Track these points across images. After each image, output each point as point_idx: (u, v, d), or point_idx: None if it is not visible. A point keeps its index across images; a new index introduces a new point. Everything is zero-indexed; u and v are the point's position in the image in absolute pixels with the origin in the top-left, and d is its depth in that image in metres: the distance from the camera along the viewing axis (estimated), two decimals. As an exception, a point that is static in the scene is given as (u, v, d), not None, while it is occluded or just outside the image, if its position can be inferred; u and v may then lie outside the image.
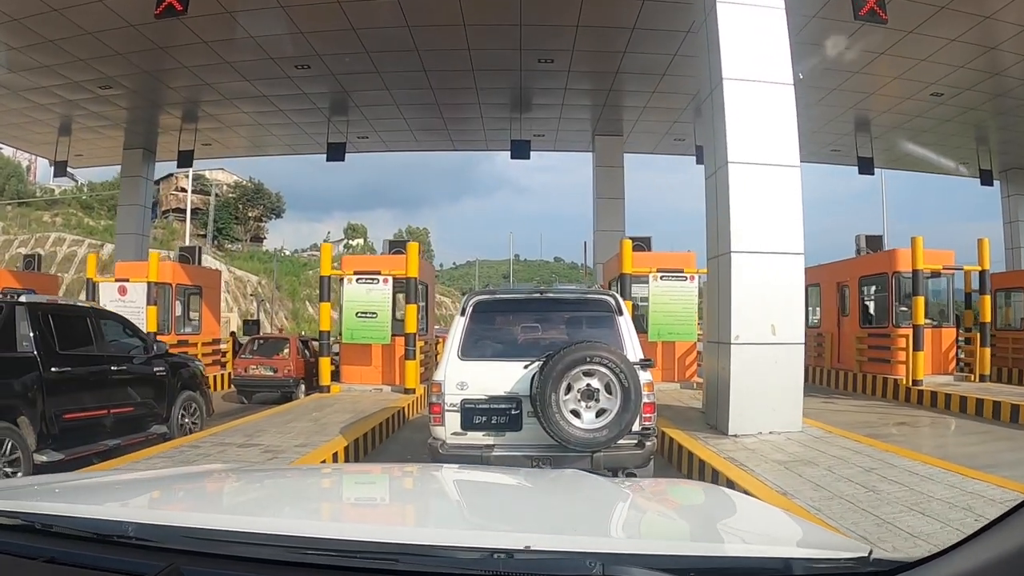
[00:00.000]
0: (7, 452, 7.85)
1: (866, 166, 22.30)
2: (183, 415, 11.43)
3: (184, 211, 53.10)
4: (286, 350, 18.96)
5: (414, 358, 15.56)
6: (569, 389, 6.41)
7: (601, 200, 22.52)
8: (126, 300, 17.29)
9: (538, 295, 7.44)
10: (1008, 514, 1.31)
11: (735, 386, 9.88)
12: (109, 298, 18.16)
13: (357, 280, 16.30)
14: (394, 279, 16.36)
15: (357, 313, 16.16)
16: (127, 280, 18.98)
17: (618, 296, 7.41)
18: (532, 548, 1.51)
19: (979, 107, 19.13)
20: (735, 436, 9.70)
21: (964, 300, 18.57)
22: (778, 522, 2.33)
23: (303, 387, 18.27)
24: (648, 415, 6.66)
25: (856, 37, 14.82)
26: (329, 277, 16.88)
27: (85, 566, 1.57)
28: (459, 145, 25.43)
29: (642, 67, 17.00)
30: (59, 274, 32.64)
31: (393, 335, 16.41)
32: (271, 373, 18.29)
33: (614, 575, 1.45)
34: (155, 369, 10.94)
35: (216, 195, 60.36)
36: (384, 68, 17.35)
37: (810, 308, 19.48)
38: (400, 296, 17.20)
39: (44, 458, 8.33)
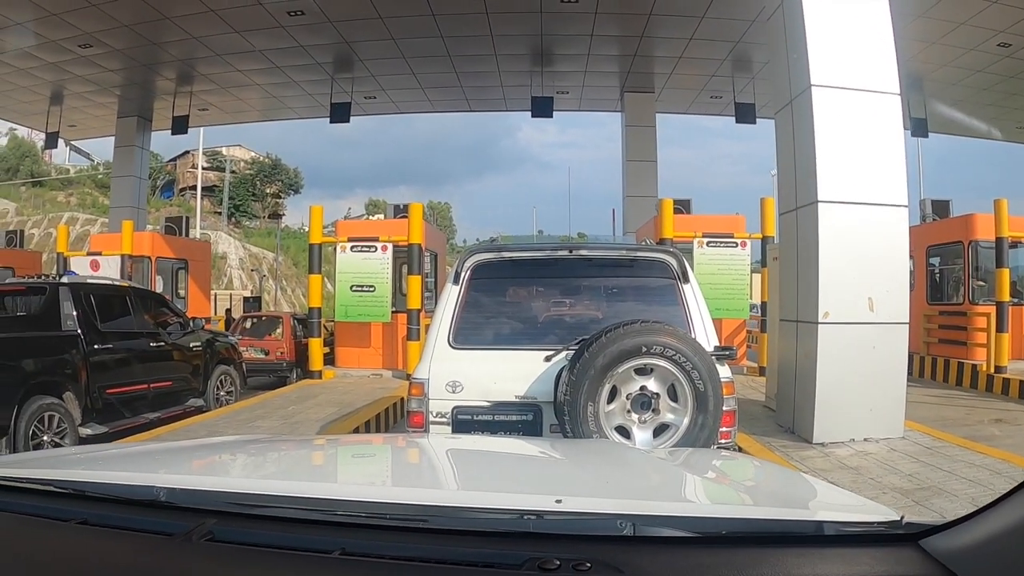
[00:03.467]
0: (55, 426, 8.51)
1: (919, 128, 19.86)
2: (218, 388, 12.21)
3: (202, 189, 52.75)
4: (279, 330, 17.64)
5: (418, 338, 13.75)
6: (614, 394, 4.33)
7: (631, 163, 20.69)
8: (98, 276, 15.54)
9: (566, 253, 5.21)
10: None
11: (822, 379, 7.83)
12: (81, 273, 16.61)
13: (352, 248, 14.65)
14: (395, 247, 14.74)
15: (352, 287, 14.56)
16: (99, 254, 17.80)
17: (680, 255, 5.11)
18: (562, 508, 1.52)
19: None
20: (822, 445, 7.73)
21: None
22: (808, 487, 2.31)
23: (299, 371, 16.66)
24: (728, 428, 4.51)
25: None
26: (320, 245, 15.15)
27: (117, 527, 1.58)
28: (476, 105, 23.60)
29: (678, 8, 15.07)
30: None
31: (395, 312, 14.90)
32: (262, 356, 16.92)
33: (645, 535, 1.46)
34: (191, 345, 11.66)
35: (232, 171, 60.53)
36: (385, 12, 15.53)
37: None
38: (404, 268, 15.52)
39: (89, 431, 8.96)
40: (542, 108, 19.36)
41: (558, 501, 1.53)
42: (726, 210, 21.99)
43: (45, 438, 8.33)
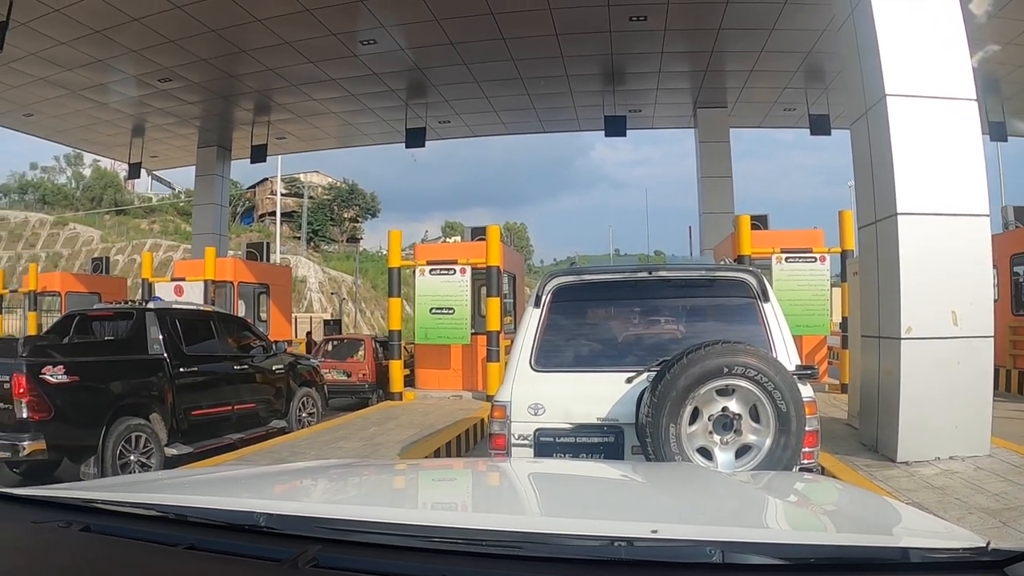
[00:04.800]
0: (141, 446, 8.80)
1: (998, 132, 19.01)
2: (300, 410, 12.29)
3: (280, 215, 53.46)
4: (360, 352, 17.62)
5: (497, 360, 13.79)
6: (696, 415, 4.32)
7: (706, 179, 20.41)
8: (182, 300, 15.92)
9: (645, 275, 5.19)
10: None
11: (905, 395, 7.57)
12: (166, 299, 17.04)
13: (431, 271, 14.76)
14: (473, 269, 14.74)
15: (431, 309, 14.66)
16: (183, 279, 18.17)
17: (760, 274, 5.09)
18: (657, 535, 1.52)
19: None
20: (906, 464, 7.46)
21: None
22: (893, 512, 2.26)
23: (380, 393, 16.76)
24: (810, 449, 4.45)
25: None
26: (399, 269, 15.23)
27: (224, 552, 1.62)
28: (549, 126, 23.52)
29: (748, 21, 14.83)
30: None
31: (474, 334, 14.86)
32: (344, 377, 16.96)
33: (734, 563, 1.45)
34: (274, 367, 11.80)
35: (310, 197, 61.38)
36: (457, 38, 15.65)
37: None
38: (483, 290, 15.54)
39: (174, 451, 9.24)
40: (615, 127, 19.27)
41: (654, 531, 1.53)
42: (804, 224, 21.59)
43: (132, 458, 8.60)
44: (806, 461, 4.42)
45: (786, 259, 14.21)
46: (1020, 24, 14.45)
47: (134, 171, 23.92)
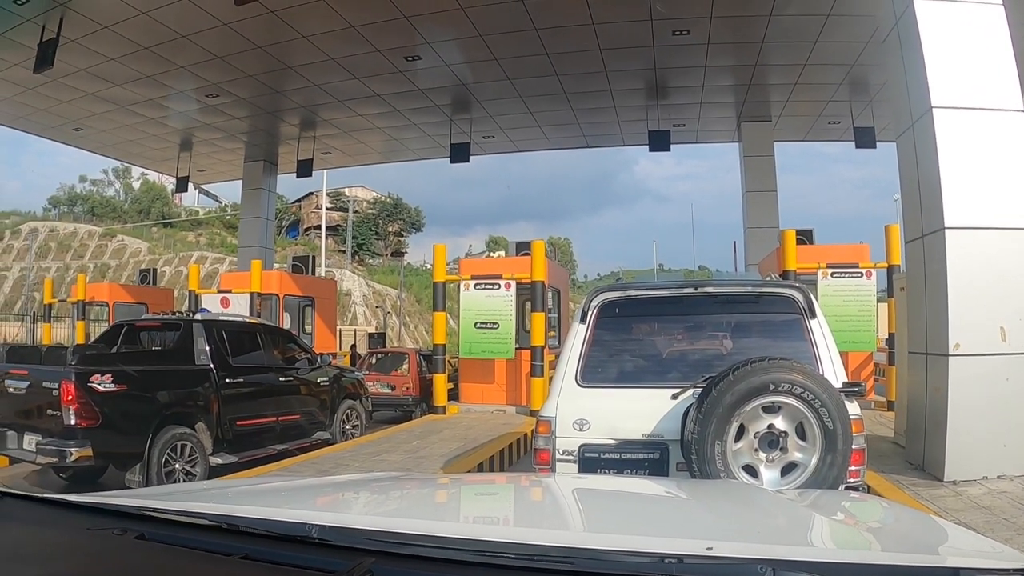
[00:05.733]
0: (187, 455, 8.92)
1: None
2: (344, 422, 12.34)
3: (326, 228, 53.81)
4: (405, 365, 17.70)
5: (542, 375, 13.76)
6: (742, 432, 4.31)
7: (751, 194, 20.24)
8: (229, 312, 16.11)
9: (691, 291, 5.19)
10: None
11: (953, 413, 7.45)
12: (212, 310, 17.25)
13: (475, 286, 14.82)
14: (518, 284, 14.77)
15: (476, 324, 14.69)
16: (230, 291, 18.32)
17: (807, 290, 5.05)
18: (711, 552, 1.52)
19: None
20: (953, 483, 7.35)
21: None
22: (941, 530, 2.26)
23: (424, 406, 16.72)
24: (857, 467, 4.43)
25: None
26: (444, 283, 15.35)
27: (279, 563, 1.63)
28: (592, 140, 23.48)
29: (791, 34, 14.74)
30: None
31: (518, 348, 14.84)
32: (388, 391, 17.02)
33: None
34: (319, 379, 11.87)
35: (355, 211, 61.83)
36: (501, 54, 15.72)
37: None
38: (528, 304, 15.64)
39: (219, 460, 9.29)
40: (659, 141, 19.18)
41: (709, 548, 1.52)
42: (850, 238, 21.35)
43: (177, 466, 8.73)
44: (852, 479, 4.40)
45: (832, 274, 14.08)
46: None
47: (182, 185, 24.41)
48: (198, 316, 10.33)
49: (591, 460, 4.68)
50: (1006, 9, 8.03)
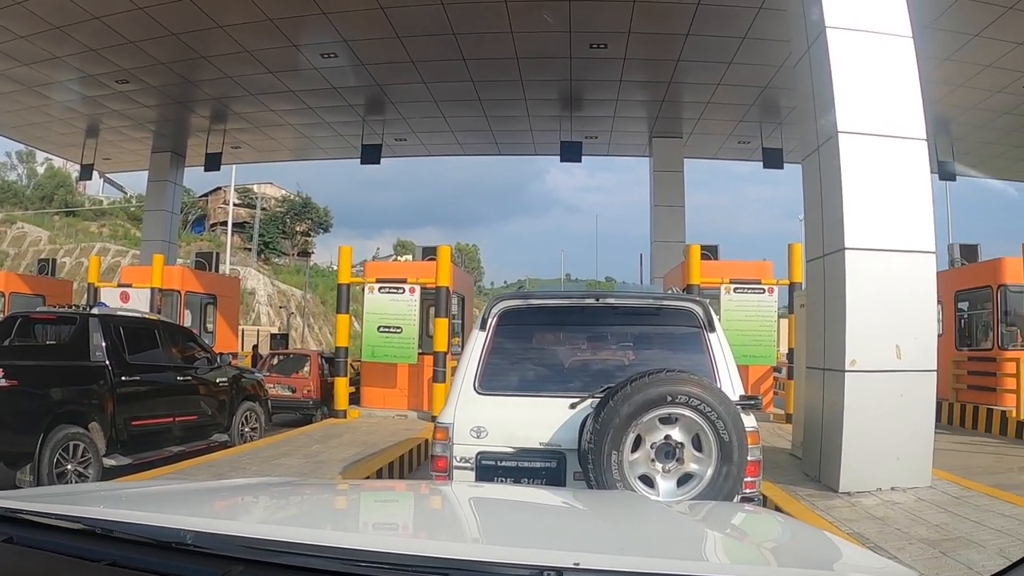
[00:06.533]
0: (79, 456, 8.58)
1: (946, 171, 19.64)
2: (243, 424, 12.17)
3: (232, 225, 52.78)
4: (306, 368, 17.51)
5: (444, 381, 13.66)
6: (639, 443, 4.26)
7: (659, 208, 20.57)
8: (128, 308, 15.63)
9: (592, 301, 5.15)
10: None
11: (849, 427, 7.64)
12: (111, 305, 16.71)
13: (380, 289, 14.60)
14: (423, 289, 14.65)
15: (379, 327, 14.46)
16: (130, 286, 17.74)
17: (707, 304, 5.08)
18: (580, 566, 1.51)
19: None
20: (848, 494, 7.52)
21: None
22: (832, 547, 2.29)
23: (324, 410, 16.49)
24: (752, 478, 4.45)
25: (949, 15, 12.58)
26: (349, 285, 15.10)
27: (147, 570, 1.60)
28: (505, 148, 23.55)
29: (707, 54, 15.02)
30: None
31: (421, 353, 14.75)
32: (289, 393, 16.81)
33: None
34: (218, 380, 11.68)
35: (263, 209, 60.81)
36: (418, 56, 15.63)
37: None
38: (432, 310, 15.41)
39: (113, 462, 9.01)
40: (571, 152, 19.34)
41: (576, 564, 1.50)
42: (756, 255, 21.68)
43: (69, 467, 8.40)
44: (748, 490, 4.42)
45: (735, 289, 14.30)
46: (969, 68, 14.83)
47: (86, 172, 23.65)
48: (95, 310, 10.07)
49: (488, 468, 4.59)
50: (915, 41, 8.29)
